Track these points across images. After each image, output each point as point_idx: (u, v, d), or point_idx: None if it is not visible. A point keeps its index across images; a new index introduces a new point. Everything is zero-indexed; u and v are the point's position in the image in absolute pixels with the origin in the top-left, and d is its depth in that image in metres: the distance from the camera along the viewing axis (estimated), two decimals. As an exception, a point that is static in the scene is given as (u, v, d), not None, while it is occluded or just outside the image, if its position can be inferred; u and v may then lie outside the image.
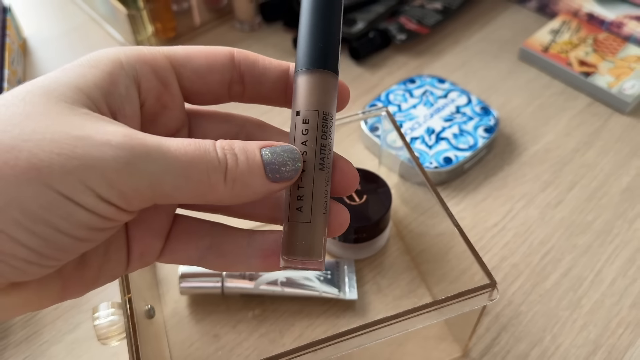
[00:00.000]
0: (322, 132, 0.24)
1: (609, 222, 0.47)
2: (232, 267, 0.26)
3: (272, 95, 0.26)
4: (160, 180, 0.19)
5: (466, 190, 0.49)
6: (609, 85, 0.55)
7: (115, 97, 0.22)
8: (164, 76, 0.23)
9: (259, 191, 0.22)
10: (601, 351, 0.39)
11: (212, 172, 0.20)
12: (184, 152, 0.20)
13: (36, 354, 0.40)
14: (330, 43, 0.25)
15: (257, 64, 0.25)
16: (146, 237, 0.25)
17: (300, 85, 0.24)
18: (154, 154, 0.19)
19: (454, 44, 0.63)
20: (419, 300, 0.42)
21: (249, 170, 0.21)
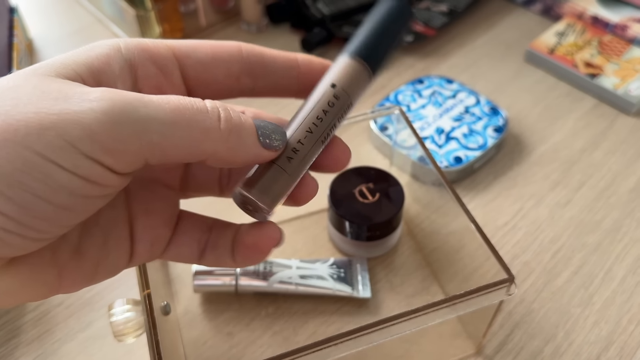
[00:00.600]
0: (340, 115, 0.25)
1: (618, 220, 0.47)
2: (221, 262, 0.26)
3: (284, 85, 0.26)
4: (146, 129, 0.19)
5: (476, 190, 0.49)
6: (614, 86, 0.55)
7: (108, 75, 0.21)
8: (164, 65, 0.23)
9: (252, 151, 0.22)
10: (613, 347, 0.40)
11: (203, 117, 0.20)
12: (168, 102, 0.19)
13: (48, 352, 0.40)
14: (387, 53, 0.27)
15: (264, 55, 0.25)
16: (158, 226, 0.25)
17: (346, 66, 0.26)
18: (135, 103, 0.19)
19: (460, 45, 0.63)
20: (432, 297, 0.42)
21: (242, 124, 0.21)
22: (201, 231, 0.26)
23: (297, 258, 0.43)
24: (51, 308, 0.42)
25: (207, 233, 0.26)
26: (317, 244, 0.45)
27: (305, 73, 0.26)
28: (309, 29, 0.63)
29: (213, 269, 0.41)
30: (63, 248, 0.22)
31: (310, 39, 0.60)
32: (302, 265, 0.42)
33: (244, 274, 0.41)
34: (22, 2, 0.69)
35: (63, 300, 0.42)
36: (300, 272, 0.42)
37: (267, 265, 0.42)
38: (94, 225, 0.23)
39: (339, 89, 0.25)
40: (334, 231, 0.44)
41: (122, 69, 0.22)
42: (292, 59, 0.26)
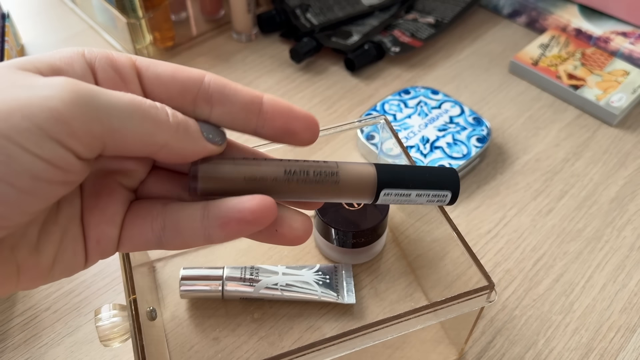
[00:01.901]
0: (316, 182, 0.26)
1: (599, 230, 0.48)
2: (191, 242, 0.25)
3: (242, 120, 0.25)
4: (108, 115, 0.20)
5: (460, 199, 0.50)
6: (597, 98, 0.57)
7: (69, 74, 0.22)
8: (123, 72, 0.24)
9: (198, 144, 0.24)
10: (593, 354, 0.40)
11: (155, 111, 0.22)
12: (122, 95, 0.21)
13: (35, 356, 0.40)
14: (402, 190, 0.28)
15: (227, 85, 0.25)
16: (101, 224, 0.24)
17: (364, 168, 0.27)
18: (97, 92, 0.20)
19: (446, 57, 0.64)
20: (416, 304, 0.43)
21: (187, 121, 0.23)
22: (152, 218, 0.25)
23: (284, 264, 0.44)
24: (38, 312, 0.42)
25: (159, 218, 0.25)
26: (303, 251, 0.46)
27: (268, 113, 0.25)
28: (298, 39, 0.63)
29: (200, 274, 0.42)
30: (22, 244, 0.22)
31: (299, 48, 0.61)
32: (288, 272, 0.43)
33: (231, 279, 0.42)
34: (14, 9, 0.69)
35: (50, 305, 0.43)
36: (287, 278, 0.42)
37: (254, 272, 0.42)
38: (53, 223, 0.23)
39: (338, 172, 0.26)
40: (320, 238, 0.44)
41: (82, 70, 0.23)
42: (257, 94, 0.25)
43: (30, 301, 0.43)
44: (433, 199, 0.28)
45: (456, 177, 0.28)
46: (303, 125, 0.26)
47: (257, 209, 0.24)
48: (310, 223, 0.27)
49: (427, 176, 0.27)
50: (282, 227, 0.26)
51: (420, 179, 0.27)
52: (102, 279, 0.44)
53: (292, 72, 0.62)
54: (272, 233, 0.26)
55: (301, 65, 0.63)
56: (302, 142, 0.26)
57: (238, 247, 0.46)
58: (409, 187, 0.27)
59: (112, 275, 0.44)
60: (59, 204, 0.23)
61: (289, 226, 0.26)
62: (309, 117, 0.26)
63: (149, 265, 0.44)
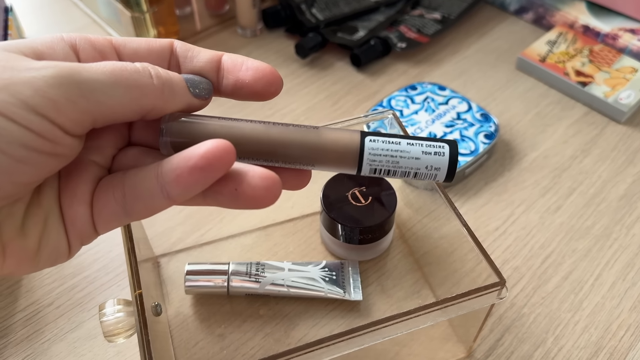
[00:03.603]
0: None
1: (608, 227, 0.47)
2: (151, 205, 0.23)
3: (205, 72, 0.27)
4: (91, 88, 0.21)
5: (467, 195, 0.50)
6: (605, 95, 0.56)
7: (51, 57, 0.23)
8: (103, 51, 0.25)
9: (184, 99, 0.25)
10: (603, 353, 0.40)
11: (138, 76, 0.23)
12: (104, 66, 0.22)
13: (37, 352, 0.40)
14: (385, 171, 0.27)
15: (191, 48, 0.27)
16: (73, 204, 0.24)
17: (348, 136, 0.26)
18: (78, 68, 0.21)
19: (452, 53, 0.64)
20: (423, 301, 0.42)
21: (172, 78, 0.24)
22: (113, 188, 0.24)
23: (289, 260, 0.43)
24: (41, 308, 0.42)
25: (118, 186, 0.24)
26: (309, 247, 0.46)
27: (225, 69, 0.27)
28: (303, 34, 0.63)
29: (205, 270, 0.41)
30: (8, 223, 0.22)
31: (305, 44, 0.61)
32: (294, 268, 0.42)
33: (236, 275, 0.41)
34: (17, 2, 0.68)
35: (53, 300, 0.42)
36: (292, 274, 0.42)
37: (259, 268, 0.42)
38: (37, 205, 0.23)
39: (319, 127, 0.27)
40: (326, 234, 0.44)
41: (64, 51, 0.24)
42: (216, 53, 0.27)
43: (33, 296, 0.42)
44: (429, 151, 0.26)
45: (454, 144, 0.27)
46: (253, 76, 0.26)
47: (209, 153, 0.22)
48: (274, 181, 0.24)
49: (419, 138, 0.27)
50: (242, 184, 0.23)
51: (411, 136, 0.27)
52: (106, 274, 0.44)
53: (297, 67, 0.61)
54: (232, 193, 0.23)
55: (306, 60, 0.62)
56: (258, 95, 0.27)
57: (243, 242, 0.46)
58: (397, 137, 0.26)
59: (116, 271, 0.44)
60: (41, 187, 0.23)
61: (248, 184, 0.23)
62: (261, 68, 0.27)
63: (154, 260, 0.44)
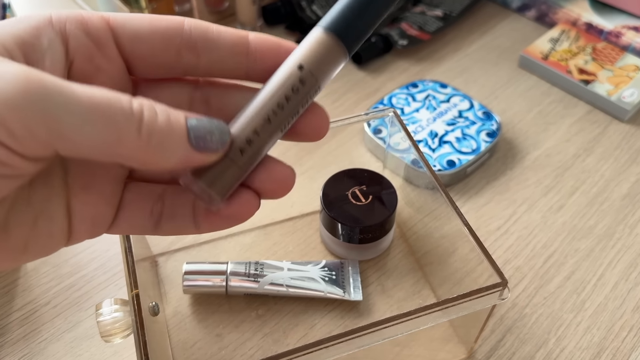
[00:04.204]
0: (306, 100, 0.23)
1: (611, 227, 0.47)
2: (182, 230, 0.25)
3: (231, 65, 0.24)
4: (57, 119, 0.17)
5: (469, 194, 0.49)
6: (608, 93, 0.55)
7: (35, 49, 0.20)
8: (97, 36, 0.22)
9: (178, 155, 0.20)
10: (605, 354, 0.39)
11: (123, 120, 0.19)
12: (90, 95, 0.18)
13: (34, 352, 0.39)
14: (365, 31, 0.24)
15: (208, 29, 0.23)
16: (99, 205, 0.23)
17: (317, 43, 0.23)
18: (52, 91, 0.18)
19: (454, 50, 0.63)
20: (424, 301, 0.42)
21: (169, 128, 0.20)
22: (152, 201, 0.24)
23: (289, 260, 0.43)
24: (37, 307, 0.41)
25: (159, 202, 0.25)
26: (309, 246, 0.45)
27: (256, 52, 0.23)
28: (303, 31, 0.62)
29: (203, 269, 0.41)
30: None
31: (305, 40, 0.60)
32: (294, 267, 0.42)
33: (235, 274, 0.41)
34: (14, -1, 0.68)
35: (50, 299, 0.42)
36: (292, 274, 0.41)
37: (258, 267, 0.41)
38: (25, 203, 0.22)
39: (307, 71, 0.23)
40: (326, 233, 0.43)
41: (51, 42, 0.21)
42: (242, 34, 0.23)
43: (29, 295, 0.42)
44: None
45: None
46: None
47: (243, 213, 0.23)
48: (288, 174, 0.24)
49: None
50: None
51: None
52: (103, 274, 0.43)
53: (297, 64, 0.61)
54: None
55: (307, 58, 0.61)
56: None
57: (242, 241, 0.45)
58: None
59: (113, 270, 0.43)
60: (31, 185, 0.22)
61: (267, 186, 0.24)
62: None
63: (151, 259, 0.43)
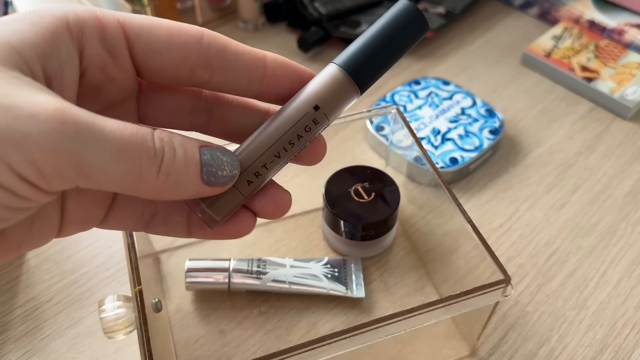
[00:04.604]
0: (314, 136, 0.24)
1: (613, 224, 0.47)
2: (173, 234, 0.26)
3: (244, 85, 0.24)
4: (87, 162, 0.18)
5: (471, 192, 0.49)
6: (611, 90, 0.55)
7: (54, 61, 0.20)
8: (112, 45, 0.21)
9: (190, 191, 0.21)
10: (608, 351, 0.39)
11: (147, 161, 0.19)
12: (119, 136, 0.18)
13: (37, 348, 0.39)
14: (378, 72, 0.24)
15: (227, 48, 0.23)
16: (91, 207, 0.24)
17: (332, 81, 0.23)
18: (85, 132, 0.17)
19: (457, 47, 0.63)
20: (426, 298, 0.42)
21: (185, 167, 0.20)
22: (143, 204, 0.25)
23: (291, 257, 0.43)
24: (40, 304, 0.41)
25: (151, 205, 0.25)
26: (311, 243, 0.45)
27: (272, 77, 0.23)
28: (306, 28, 0.62)
29: (206, 266, 0.41)
30: None
31: (307, 38, 0.60)
32: (296, 264, 0.42)
33: (238, 271, 0.41)
34: (16, -4, 0.68)
35: (53, 296, 0.42)
36: (294, 271, 0.41)
37: (261, 264, 0.41)
38: None
39: (321, 113, 0.23)
40: (328, 230, 0.43)
41: (69, 54, 0.20)
42: (259, 57, 0.23)
43: (32, 292, 0.42)
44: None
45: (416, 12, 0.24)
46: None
47: (238, 230, 0.25)
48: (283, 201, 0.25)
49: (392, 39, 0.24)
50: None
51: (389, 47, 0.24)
52: (106, 270, 0.43)
53: (299, 62, 0.60)
54: None
55: (309, 55, 0.61)
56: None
57: (245, 238, 0.45)
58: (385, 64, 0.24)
59: (116, 267, 0.43)
60: None
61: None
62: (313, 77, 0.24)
63: (154, 256, 0.43)
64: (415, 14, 0.23)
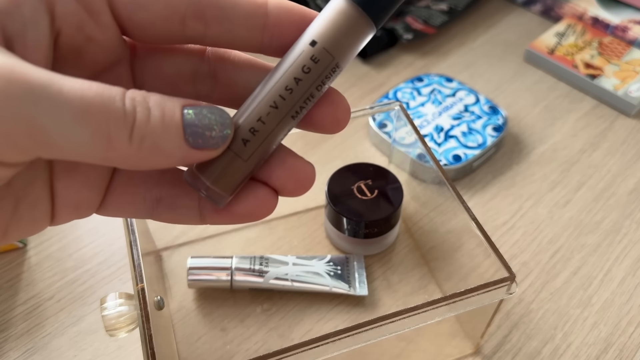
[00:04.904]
0: (321, 82, 0.20)
1: (617, 222, 0.47)
2: (183, 220, 0.23)
3: (244, 37, 0.21)
4: (43, 127, 0.16)
5: (475, 189, 0.49)
6: (614, 87, 0.55)
7: (15, 20, 0.18)
8: (88, 2, 0.19)
9: (174, 156, 0.18)
10: (612, 350, 0.39)
11: (114, 124, 0.17)
12: (80, 96, 0.16)
13: (38, 346, 0.39)
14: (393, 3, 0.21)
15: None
16: (83, 190, 0.22)
17: (336, 15, 0.20)
18: (38, 91, 0.16)
19: (460, 44, 0.63)
20: (430, 296, 0.41)
21: (162, 128, 0.18)
22: (145, 187, 0.23)
23: (294, 254, 0.43)
24: (41, 302, 0.41)
25: (155, 188, 0.23)
26: (314, 241, 0.45)
27: (275, 26, 0.21)
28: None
29: (208, 264, 0.40)
30: None
31: (309, 35, 0.60)
32: (299, 262, 0.41)
33: (240, 269, 0.40)
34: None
35: (54, 293, 0.41)
36: (297, 268, 0.41)
37: (263, 262, 0.41)
38: (5, 188, 0.20)
39: (320, 48, 0.20)
40: (331, 228, 0.43)
41: (34, 10, 0.18)
42: (260, 3, 0.20)
43: (33, 290, 0.42)
44: None
45: None
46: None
47: (257, 209, 0.22)
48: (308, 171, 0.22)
49: None
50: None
51: None
52: (107, 268, 0.43)
53: (301, 59, 0.60)
54: None
55: (311, 52, 0.61)
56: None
57: (247, 236, 0.45)
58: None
59: (118, 264, 0.43)
60: None
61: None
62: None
63: (156, 254, 0.43)
64: None
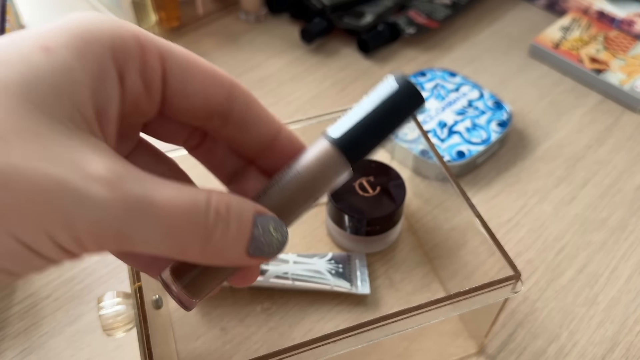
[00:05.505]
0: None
1: (624, 219, 0.46)
2: None
3: (251, 146, 0.23)
4: (132, 238, 0.17)
5: (479, 185, 0.48)
6: (620, 82, 0.54)
7: (101, 96, 0.18)
8: (150, 79, 0.19)
9: (231, 261, 0.20)
10: (619, 348, 0.38)
11: (193, 236, 0.18)
12: (170, 211, 0.17)
13: (35, 346, 0.38)
14: (378, 146, 0.22)
15: (251, 106, 0.22)
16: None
17: (322, 157, 0.22)
18: (135, 210, 0.16)
19: (463, 39, 0.62)
20: (433, 295, 0.41)
21: (233, 242, 0.19)
22: None
23: (294, 252, 0.42)
24: (39, 300, 0.40)
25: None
26: (315, 239, 0.44)
27: (279, 150, 0.23)
28: (309, 19, 0.61)
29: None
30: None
31: (310, 29, 0.59)
32: (300, 260, 0.41)
33: (239, 268, 0.40)
34: (15, -12, 0.67)
35: (51, 292, 0.41)
36: (297, 267, 0.40)
37: (263, 259, 0.40)
38: None
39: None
40: (332, 225, 0.42)
41: (114, 87, 0.18)
42: (276, 126, 0.22)
43: (30, 288, 0.41)
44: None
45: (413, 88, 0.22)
46: None
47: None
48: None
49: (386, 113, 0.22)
50: None
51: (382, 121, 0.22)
52: (105, 266, 0.42)
53: (302, 53, 0.60)
54: None
55: (312, 46, 0.60)
56: None
57: (247, 234, 0.44)
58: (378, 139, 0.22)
59: (115, 263, 0.43)
60: None
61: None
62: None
63: (154, 252, 0.43)
64: (411, 91, 0.22)
